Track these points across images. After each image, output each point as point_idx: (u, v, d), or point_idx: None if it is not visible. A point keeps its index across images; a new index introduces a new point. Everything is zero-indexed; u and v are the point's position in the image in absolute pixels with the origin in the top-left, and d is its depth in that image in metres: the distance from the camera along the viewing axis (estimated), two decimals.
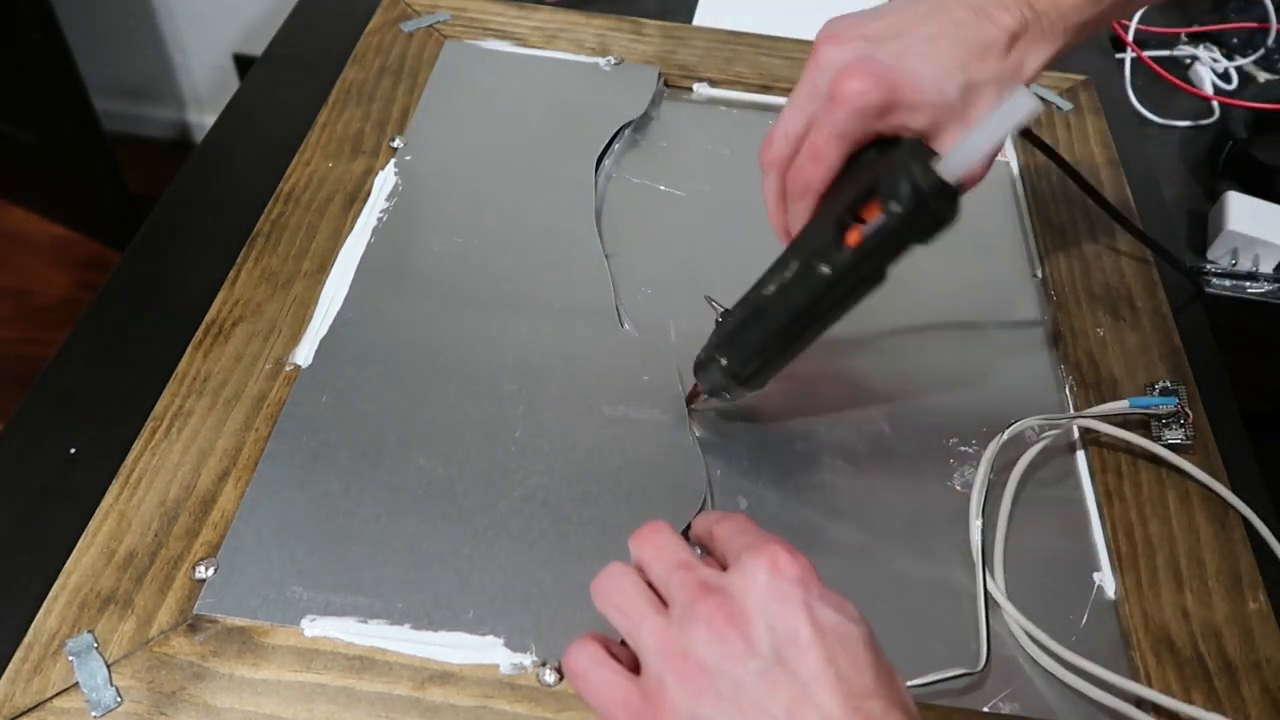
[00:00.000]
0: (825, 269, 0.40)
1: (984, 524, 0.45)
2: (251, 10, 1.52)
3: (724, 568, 0.35)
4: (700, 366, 0.46)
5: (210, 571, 0.41)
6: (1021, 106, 0.37)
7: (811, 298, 0.41)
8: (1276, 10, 0.80)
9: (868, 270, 0.40)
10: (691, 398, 0.48)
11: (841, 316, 0.42)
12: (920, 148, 0.40)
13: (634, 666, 0.34)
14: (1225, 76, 0.79)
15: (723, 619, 0.32)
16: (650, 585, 0.35)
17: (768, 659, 0.31)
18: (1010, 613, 0.42)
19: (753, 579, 0.33)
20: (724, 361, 0.44)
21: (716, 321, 0.46)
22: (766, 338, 0.43)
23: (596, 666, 0.34)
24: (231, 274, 0.52)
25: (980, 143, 0.38)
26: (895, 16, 0.42)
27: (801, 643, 0.31)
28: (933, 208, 0.38)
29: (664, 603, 0.34)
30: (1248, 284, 0.64)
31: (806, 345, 0.44)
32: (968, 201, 0.39)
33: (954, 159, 0.38)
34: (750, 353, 0.44)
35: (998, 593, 0.42)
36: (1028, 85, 0.42)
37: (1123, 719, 0.40)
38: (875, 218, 0.39)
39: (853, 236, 0.40)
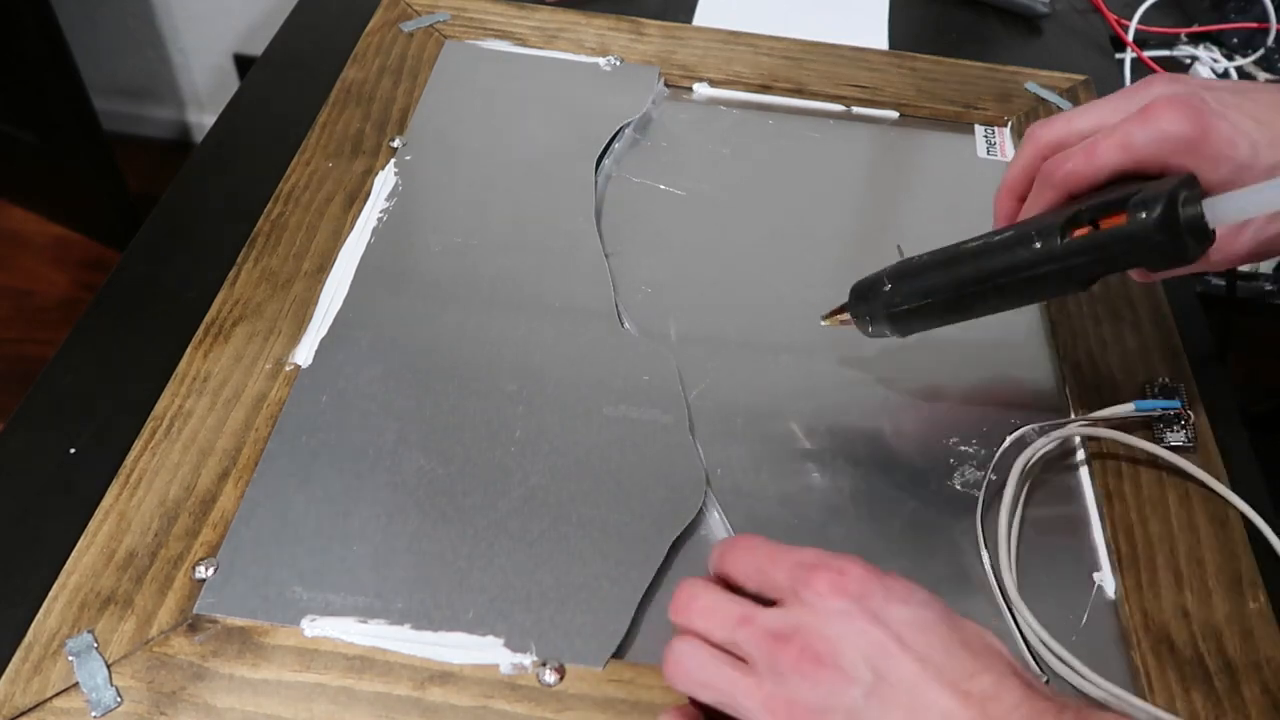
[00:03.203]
0: (1037, 244, 0.39)
1: (985, 524, 0.45)
2: (251, 10, 1.52)
3: (766, 599, 0.34)
4: (861, 287, 0.46)
5: (210, 571, 0.41)
6: None
7: (1008, 265, 0.40)
8: (1276, 10, 0.80)
9: (1078, 265, 0.39)
10: (836, 311, 0.48)
11: (1019, 304, 0.41)
12: (1194, 181, 0.38)
13: None
14: (1225, 76, 0.79)
15: (811, 661, 0.32)
16: (717, 645, 0.34)
17: (868, 681, 0.31)
18: (1021, 611, 0.42)
19: (819, 610, 0.33)
20: (888, 288, 0.44)
21: (899, 253, 0.45)
22: (941, 285, 0.42)
23: None
24: (231, 274, 0.52)
25: (1262, 200, 0.37)
26: (1223, 82, 0.42)
27: (891, 654, 0.31)
28: (1178, 233, 0.37)
29: (740, 658, 0.33)
30: (1248, 284, 0.64)
31: (969, 314, 0.43)
32: (969, 201, 0.39)
33: (1225, 203, 0.37)
34: (918, 291, 0.43)
35: (1012, 592, 0.42)
36: None
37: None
38: (1112, 224, 0.38)
39: (1078, 231, 0.39)
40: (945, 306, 0.43)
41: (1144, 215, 0.37)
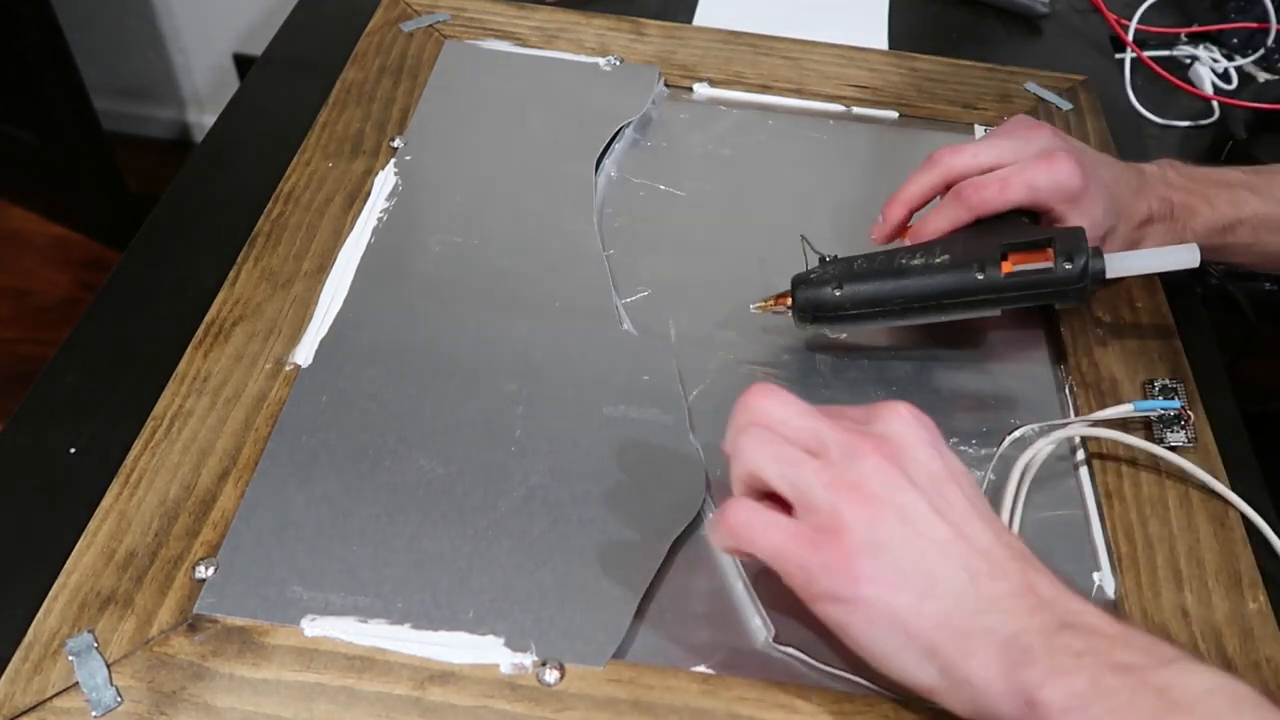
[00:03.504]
0: (979, 275, 0.47)
1: None
2: (251, 10, 1.52)
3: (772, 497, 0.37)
4: (805, 282, 0.49)
5: (210, 571, 0.41)
6: (1186, 259, 0.47)
7: (953, 288, 0.47)
8: (1276, 10, 0.80)
9: (1009, 296, 0.47)
10: (773, 303, 0.50)
11: (946, 319, 0.48)
12: (1086, 235, 0.47)
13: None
14: (1225, 76, 0.79)
15: (888, 456, 0.36)
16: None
17: (928, 491, 0.35)
18: None
19: (898, 425, 0.37)
20: (837, 291, 0.48)
21: (821, 258, 0.50)
22: (888, 297, 0.48)
23: (759, 513, 0.36)
24: (231, 274, 0.52)
25: (1140, 262, 0.48)
26: (1093, 154, 0.52)
27: (949, 483, 0.36)
28: (1085, 284, 0.46)
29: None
30: (1248, 284, 0.64)
31: (900, 322, 0.49)
32: None
33: (1118, 261, 0.48)
34: (866, 300, 0.48)
35: None
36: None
37: None
38: (1038, 263, 0.46)
39: (1008, 266, 0.47)
40: (887, 315, 0.48)
41: (1069, 266, 0.46)
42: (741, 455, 0.37)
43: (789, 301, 0.49)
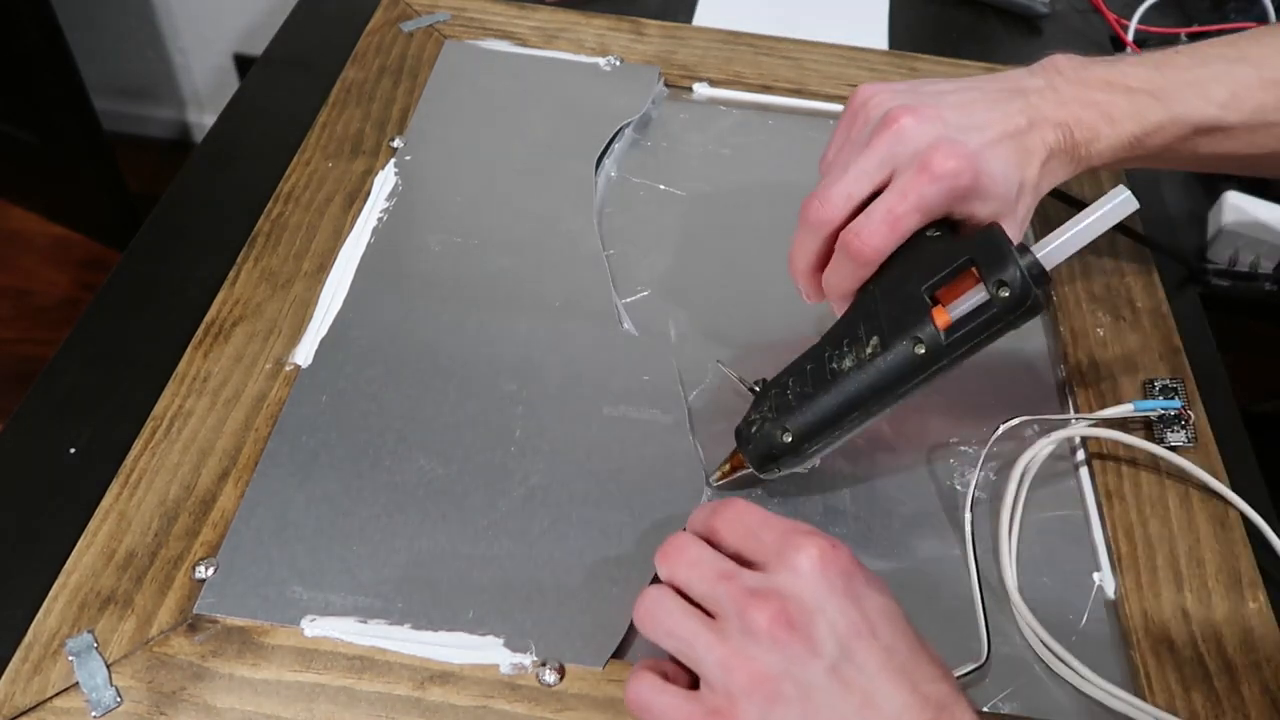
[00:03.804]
0: (920, 350, 0.40)
1: (987, 524, 0.45)
2: (251, 10, 1.52)
3: (749, 563, 0.35)
4: (749, 438, 0.43)
5: (210, 571, 0.41)
6: (1121, 210, 0.40)
7: (900, 376, 0.40)
8: (1276, 10, 0.80)
9: (961, 354, 0.40)
10: (730, 471, 0.45)
11: (907, 400, 0.41)
12: (1005, 234, 0.40)
13: (692, 685, 0.34)
14: None
15: (783, 624, 0.32)
16: (690, 601, 0.35)
17: (833, 657, 0.32)
18: (1021, 611, 0.42)
19: (803, 577, 0.33)
20: (788, 437, 0.42)
21: (751, 390, 0.45)
22: (840, 411, 0.41)
23: (656, 694, 0.34)
24: (231, 274, 0.52)
25: (1083, 236, 0.41)
26: (963, 105, 0.43)
27: (863, 636, 0.32)
28: (1033, 293, 0.39)
29: (710, 615, 0.34)
30: (1248, 284, 0.64)
31: (865, 426, 0.42)
32: None
33: (1056, 249, 0.41)
34: (820, 426, 0.42)
35: (1012, 592, 0.42)
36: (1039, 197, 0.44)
37: (1122, 719, 0.40)
38: (972, 298, 0.39)
39: (941, 316, 0.40)
40: (852, 425, 0.42)
41: (1006, 291, 0.39)
42: (640, 623, 0.35)
43: (742, 460, 0.44)
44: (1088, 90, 0.44)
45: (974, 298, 0.39)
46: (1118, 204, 0.40)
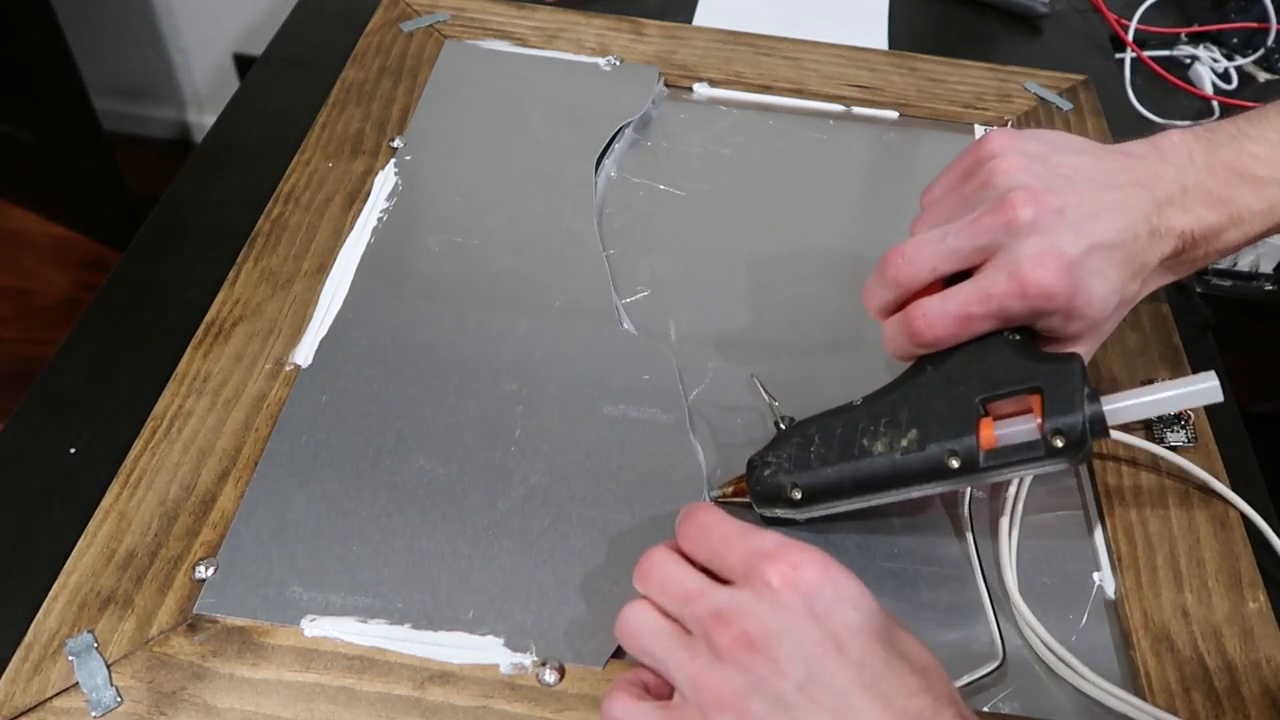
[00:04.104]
0: (954, 463, 0.38)
1: (987, 524, 0.45)
2: (251, 10, 1.52)
3: (724, 578, 0.35)
4: (759, 479, 0.42)
5: (210, 571, 0.41)
6: (1208, 395, 0.38)
7: (924, 477, 0.39)
8: (1276, 10, 0.80)
9: (988, 477, 0.39)
10: (733, 494, 0.44)
11: (915, 497, 0.41)
12: (1085, 375, 0.38)
13: (673, 694, 0.34)
14: (1225, 76, 0.79)
15: (746, 647, 0.32)
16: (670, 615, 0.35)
17: (800, 677, 0.31)
18: (1022, 611, 0.42)
19: (765, 599, 0.32)
20: (796, 494, 0.41)
21: (776, 424, 0.45)
22: (854, 488, 0.41)
23: (631, 712, 0.34)
24: (231, 274, 0.52)
25: (1156, 408, 0.38)
26: (1093, 193, 0.39)
27: (829, 654, 0.31)
28: (1082, 452, 0.37)
29: (688, 631, 0.34)
30: (1248, 284, 0.64)
31: (867, 504, 0.41)
32: None
33: (1124, 411, 0.39)
34: (830, 493, 0.41)
35: (1014, 591, 0.42)
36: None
37: (1122, 719, 0.40)
38: (1023, 429, 0.38)
39: (987, 435, 0.38)
40: (857, 501, 0.41)
41: (1062, 444, 0.37)
42: (623, 643, 0.36)
43: (744, 491, 0.44)
44: (1216, 181, 0.40)
45: (1025, 430, 0.38)
46: (1203, 390, 0.39)
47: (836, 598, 0.32)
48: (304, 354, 0.49)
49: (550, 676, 0.39)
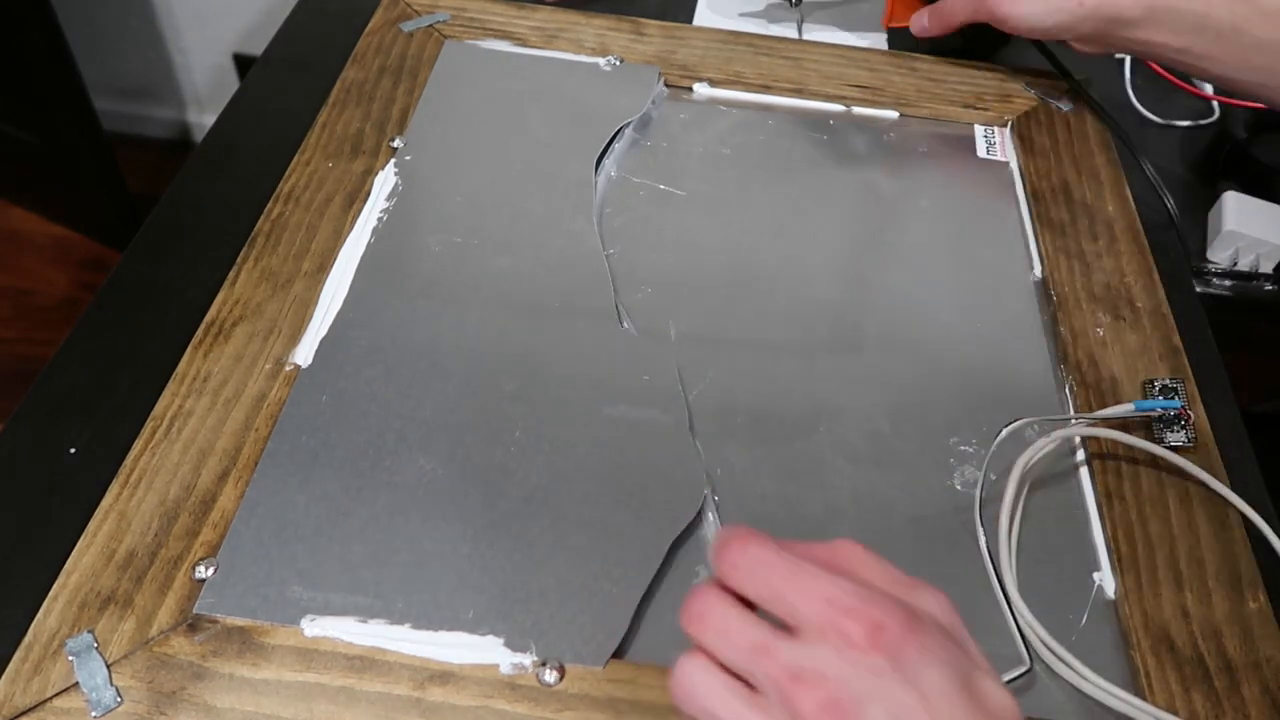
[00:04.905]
0: None
1: (985, 525, 0.45)
2: (251, 10, 1.52)
3: (780, 618, 0.32)
4: None
5: (210, 571, 0.41)
6: None
7: None
8: None
9: None
10: None
11: None
12: None
13: None
14: None
15: (833, 714, 0.29)
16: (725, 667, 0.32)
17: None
18: (1022, 611, 0.42)
19: (850, 660, 0.30)
20: None
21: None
22: None
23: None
24: (231, 274, 0.52)
25: None
26: None
27: (920, 717, 0.29)
28: None
29: (749, 684, 0.31)
30: (1248, 284, 0.64)
31: None
32: (968, 201, 0.39)
33: None
34: None
35: (1013, 592, 0.42)
36: None
37: (1122, 719, 0.40)
38: None
39: None
40: None
41: None
42: (678, 700, 0.32)
43: None
44: None
45: None
46: None
47: (922, 655, 0.30)
48: (304, 354, 0.49)
49: (550, 676, 0.39)
